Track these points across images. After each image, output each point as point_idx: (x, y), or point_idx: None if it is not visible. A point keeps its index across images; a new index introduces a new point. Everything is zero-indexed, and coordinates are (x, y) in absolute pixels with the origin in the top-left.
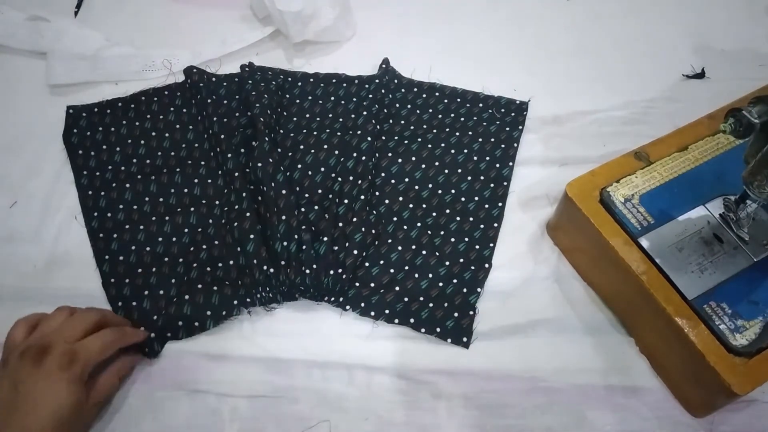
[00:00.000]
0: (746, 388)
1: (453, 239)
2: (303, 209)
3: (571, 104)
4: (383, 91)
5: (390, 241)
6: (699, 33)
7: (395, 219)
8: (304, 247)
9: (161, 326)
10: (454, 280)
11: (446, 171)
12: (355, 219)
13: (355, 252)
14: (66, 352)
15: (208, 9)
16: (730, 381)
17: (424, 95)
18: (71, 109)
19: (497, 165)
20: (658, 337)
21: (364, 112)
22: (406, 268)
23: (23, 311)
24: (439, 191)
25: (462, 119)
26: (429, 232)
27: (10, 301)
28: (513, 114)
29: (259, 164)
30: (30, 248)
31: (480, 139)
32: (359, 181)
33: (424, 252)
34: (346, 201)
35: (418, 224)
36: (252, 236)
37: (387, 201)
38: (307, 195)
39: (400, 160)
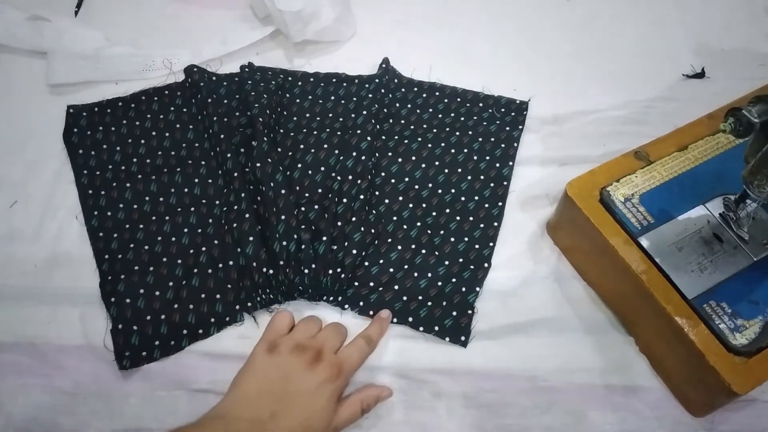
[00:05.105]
0: (746, 387)
1: (452, 239)
2: (302, 209)
3: (571, 104)
4: (383, 90)
5: (389, 240)
6: (699, 33)
7: (395, 218)
8: (303, 246)
9: (165, 334)
10: (453, 280)
11: (446, 170)
12: (354, 218)
13: (354, 251)
14: (335, 364)
15: (208, 9)
16: (729, 380)
17: (424, 95)
18: (71, 109)
19: (497, 164)
20: (658, 337)
21: (364, 112)
22: (406, 267)
23: (23, 311)
24: (439, 191)
25: (462, 119)
26: (428, 231)
27: (10, 300)
28: (513, 114)
29: (258, 164)
30: (30, 248)
31: (480, 139)
32: (359, 181)
33: (423, 251)
34: (345, 200)
35: (418, 224)
36: (251, 238)
37: (387, 200)
38: (306, 194)
39: (400, 160)
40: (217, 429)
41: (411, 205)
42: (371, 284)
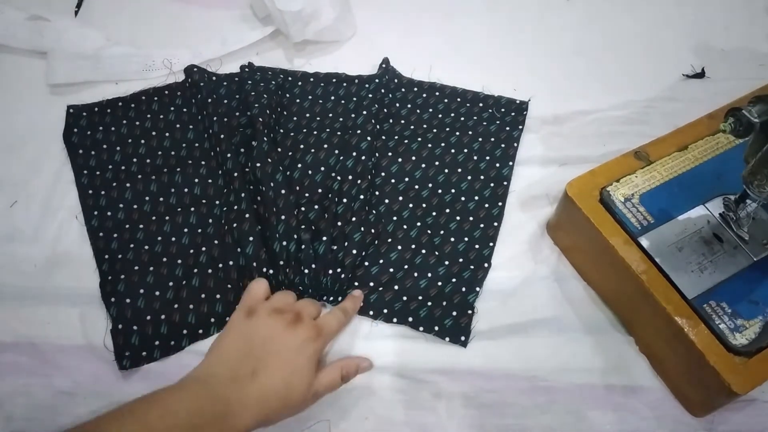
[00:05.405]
0: (746, 387)
1: (453, 239)
2: (302, 209)
3: (571, 104)
4: (383, 90)
5: (389, 240)
6: (699, 33)
7: (395, 218)
8: (303, 246)
9: (165, 334)
10: (453, 280)
11: (446, 170)
12: (354, 218)
13: (354, 251)
14: (314, 326)
15: (208, 9)
16: (729, 380)
17: (424, 95)
18: (72, 109)
19: (497, 164)
20: (658, 337)
21: (364, 112)
22: (406, 267)
23: (23, 311)
24: (439, 191)
25: (462, 119)
26: (428, 231)
27: (10, 300)
28: (513, 114)
29: (258, 164)
30: (30, 248)
31: (480, 139)
32: (359, 181)
33: (423, 251)
34: (345, 200)
35: (418, 224)
36: (251, 238)
37: (387, 200)
38: (306, 194)
39: (400, 160)
40: (197, 389)
41: (411, 205)
42: (371, 284)
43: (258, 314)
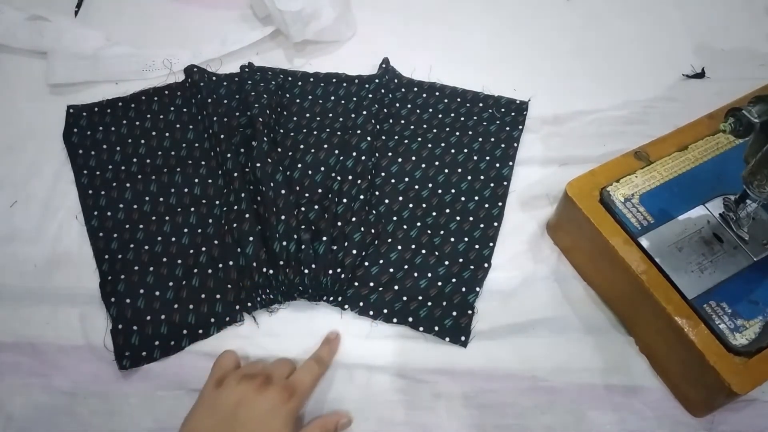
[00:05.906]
0: (746, 387)
1: (452, 239)
2: (302, 209)
3: (571, 104)
4: (383, 90)
5: (389, 240)
6: (699, 33)
7: (395, 218)
8: (303, 246)
9: (165, 334)
10: (453, 280)
11: (446, 170)
12: (354, 218)
13: (354, 251)
14: (286, 386)
15: (208, 9)
16: (729, 380)
17: (424, 95)
18: (72, 109)
19: (497, 164)
20: (658, 337)
21: (364, 112)
22: (406, 267)
23: (23, 311)
24: (439, 191)
25: (462, 119)
26: (428, 231)
27: (10, 300)
28: (513, 114)
29: (258, 164)
30: (30, 248)
31: (480, 139)
32: (359, 181)
33: (423, 251)
34: (345, 200)
35: (418, 224)
36: (251, 238)
37: (387, 200)
38: (306, 194)
39: (399, 160)
40: None
41: (411, 205)
42: (371, 284)
43: (227, 383)
